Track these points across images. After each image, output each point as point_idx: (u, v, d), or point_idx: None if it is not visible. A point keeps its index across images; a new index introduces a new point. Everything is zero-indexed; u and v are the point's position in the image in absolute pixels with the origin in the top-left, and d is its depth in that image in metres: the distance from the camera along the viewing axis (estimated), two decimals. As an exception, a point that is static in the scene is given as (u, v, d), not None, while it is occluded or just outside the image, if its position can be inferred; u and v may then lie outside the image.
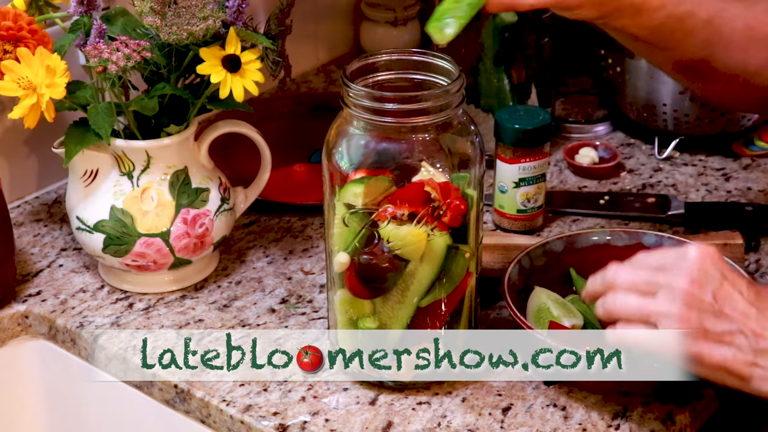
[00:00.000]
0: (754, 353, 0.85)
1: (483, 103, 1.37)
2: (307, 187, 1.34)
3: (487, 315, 1.12)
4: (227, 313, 1.14)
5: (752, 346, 0.85)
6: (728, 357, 0.85)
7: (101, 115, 1.07)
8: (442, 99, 0.94)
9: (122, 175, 1.12)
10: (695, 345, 0.86)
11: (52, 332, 1.15)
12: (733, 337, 0.86)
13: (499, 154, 1.24)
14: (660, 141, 1.43)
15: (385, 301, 0.97)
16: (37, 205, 1.33)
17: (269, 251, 1.24)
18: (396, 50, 1.00)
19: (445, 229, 0.95)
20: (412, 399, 1.02)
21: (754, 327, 0.85)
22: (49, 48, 1.07)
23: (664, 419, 0.99)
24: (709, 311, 0.86)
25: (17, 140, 1.30)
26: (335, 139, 0.97)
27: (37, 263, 1.23)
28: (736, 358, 0.85)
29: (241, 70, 1.07)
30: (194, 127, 1.14)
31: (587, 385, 1.02)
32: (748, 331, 0.85)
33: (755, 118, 1.40)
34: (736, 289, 0.87)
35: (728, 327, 0.86)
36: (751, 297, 0.87)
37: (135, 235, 1.11)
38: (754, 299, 0.87)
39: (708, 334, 0.86)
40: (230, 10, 1.09)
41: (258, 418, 1.00)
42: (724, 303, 0.86)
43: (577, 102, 1.55)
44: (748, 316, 0.86)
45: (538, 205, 1.26)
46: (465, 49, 1.35)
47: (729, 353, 0.85)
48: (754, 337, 0.85)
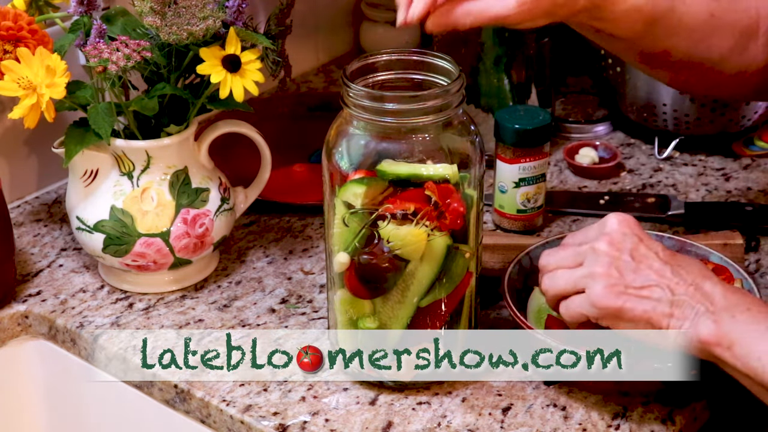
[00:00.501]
0: (671, 305, 0.91)
1: (483, 103, 1.37)
2: (307, 187, 1.34)
3: (487, 315, 1.12)
4: (227, 313, 1.14)
5: (668, 299, 0.91)
6: (648, 309, 0.91)
7: (101, 115, 1.07)
8: (442, 99, 0.94)
9: (122, 175, 1.12)
10: (618, 299, 0.92)
11: (52, 332, 1.15)
12: (651, 291, 0.92)
13: (499, 154, 1.24)
14: (660, 141, 1.43)
15: (385, 301, 0.97)
16: (37, 205, 1.33)
17: (269, 251, 1.24)
18: (396, 50, 1.00)
19: (445, 229, 0.95)
20: (412, 399, 1.02)
21: (668, 282, 0.92)
22: (49, 48, 1.07)
23: (664, 419, 0.99)
24: (629, 268, 0.93)
25: (17, 140, 1.31)
26: (335, 139, 0.97)
27: (37, 263, 1.23)
28: (656, 310, 0.91)
29: (241, 70, 1.07)
30: (194, 127, 1.14)
31: (587, 385, 1.02)
32: (664, 285, 0.92)
33: (755, 118, 1.40)
34: (652, 250, 0.94)
35: (646, 281, 0.92)
36: (665, 257, 0.94)
37: (135, 235, 1.11)
38: (668, 258, 0.94)
39: (628, 288, 0.92)
40: (230, 10, 1.09)
41: (258, 418, 1.00)
42: (641, 261, 0.93)
43: (577, 102, 1.55)
44: (664, 273, 0.92)
45: (538, 205, 1.26)
46: (465, 49, 1.35)
47: (649, 305, 0.91)
48: (669, 291, 0.91)
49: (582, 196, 1.33)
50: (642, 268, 0.93)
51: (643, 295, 0.91)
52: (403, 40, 1.68)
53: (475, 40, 1.34)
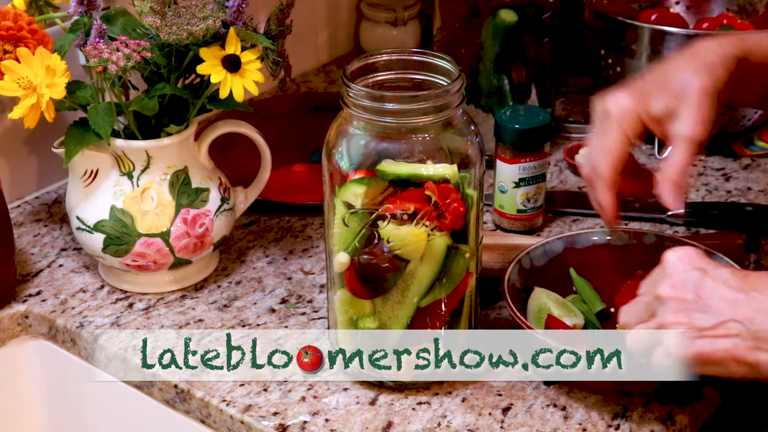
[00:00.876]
0: (754, 338, 0.84)
1: (483, 103, 1.37)
2: (307, 187, 1.34)
3: (487, 315, 1.12)
4: (227, 313, 1.14)
5: (750, 332, 0.84)
6: (729, 347, 0.84)
7: (101, 115, 1.07)
8: (442, 99, 0.94)
9: (122, 175, 1.12)
10: (694, 345, 0.86)
11: (52, 332, 1.15)
12: (727, 328, 0.84)
13: (499, 154, 1.24)
14: (660, 141, 1.42)
15: (385, 301, 0.97)
16: (37, 205, 1.33)
17: (269, 251, 1.24)
18: (396, 50, 1.00)
19: (445, 229, 0.95)
20: (412, 399, 1.02)
21: (744, 312, 0.84)
22: (49, 48, 1.07)
23: (664, 419, 0.99)
24: (696, 309, 0.86)
25: (17, 140, 1.30)
26: (335, 139, 0.97)
27: (37, 263, 1.23)
28: (738, 347, 0.84)
29: (241, 70, 1.07)
30: (194, 127, 1.14)
31: (587, 385, 1.02)
32: (740, 317, 0.84)
33: (755, 118, 1.40)
34: (719, 281, 0.86)
35: (718, 319, 0.85)
36: (737, 284, 0.86)
37: (135, 235, 1.11)
38: (739, 285, 0.86)
39: (702, 331, 0.85)
40: (230, 10, 1.09)
41: (258, 418, 1.00)
42: (708, 297, 0.86)
43: (577, 102, 1.55)
44: (737, 303, 0.85)
45: (538, 205, 1.26)
46: (465, 49, 1.35)
47: (729, 343, 0.84)
48: (749, 322, 0.84)
49: (582, 196, 1.33)
50: (712, 305, 0.85)
51: (719, 334, 0.84)
52: (403, 40, 1.68)
53: (475, 40, 1.34)
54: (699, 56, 1.00)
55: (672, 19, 1.49)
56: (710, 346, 0.85)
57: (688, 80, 0.99)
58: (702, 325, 0.85)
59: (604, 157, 1.00)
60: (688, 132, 0.98)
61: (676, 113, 0.99)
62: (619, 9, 1.49)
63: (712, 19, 1.50)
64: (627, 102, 1.00)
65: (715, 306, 0.85)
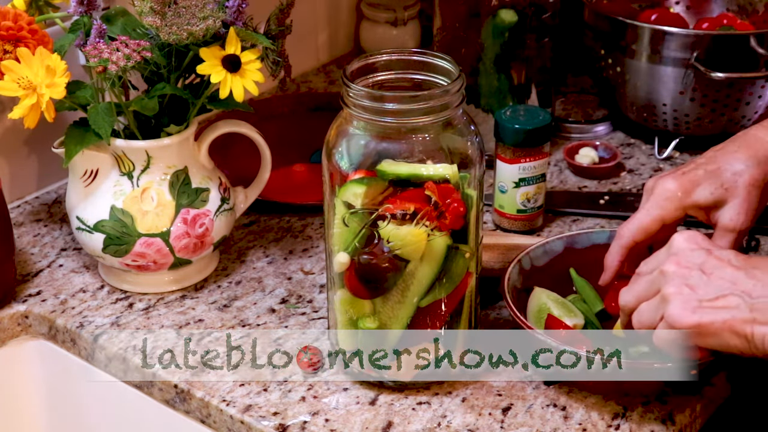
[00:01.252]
0: (751, 310, 0.87)
1: (483, 103, 1.37)
2: (307, 187, 1.34)
3: (487, 315, 1.12)
4: (227, 313, 1.14)
5: (747, 304, 0.87)
6: (727, 318, 0.88)
7: (101, 115, 1.07)
8: (442, 99, 0.94)
9: (122, 175, 1.12)
10: (695, 315, 0.89)
11: (52, 332, 1.15)
12: (727, 300, 0.88)
13: (499, 154, 1.24)
14: (660, 141, 1.43)
15: (385, 301, 0.97)
16: (37, 205, 1.33)
17: (269, 251, 1.24)
18: (396, 50, 1.00)
19: (445, 229, 0.95)
20: (412, 399, 1.02)
21: (743, 286, 0.88)
22: (49, 48, 1.07)
23: (664, 419, 0.99)
24: (700, 282, 0.90)
25: (17, 140, 1.30)
26: (335, 139, 0.97)
27: (37, 263, 1.23)
28: (735, 318, 0.87)
29: (241, 70, 1.07)
30: (194, 127, 1.14)
31: (587, 385, 1.02)
32: (740, 292, 0.88)
33: (755, 118, 1.40)
34: (723, 260, 0.91)
35: (720, 291, 0.89)
36: (738, 263, 0.90)
37: (135, 235, 1.11)
38: (741, 264, 0.90)
39: (702, 302, 0.89)
40: (230, 10, 1.09)
41: (258, 418, 1.00)
42: (712, 272, 0.90)
43: (577, 102, 1.55)
44: (737, 279, 0.89)
45: (538, 205, 1.26)
46: (465, 49, 1.35)
47: (728, 314, 0.88)
48: (747, 295, 0.87)
49: (582, 196, 1.33)
50: (714, 279, 0.89)
51: (718, 306, 0.88)
52: (403, 40, 1.68)
53: (475, 40, 1.34)
54: (749, 146, 1.04)
55: (672, 19, 1.49)
56: (709, 317, 0.88)
57: (737, 171, 1.02)
58: (703, 296, 0.89)
59: (631, 224, 1.04)
60: (733, 224, 1.01)
61: (724, 203, 1.02)
62: (619, 9, 1.49)
63: (712, 19, 1.51)
64: (672, 187, 1.03)
65: (716, 281, 0.89)
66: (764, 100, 1.38)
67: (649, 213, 1.03)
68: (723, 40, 1.35)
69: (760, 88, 1.36)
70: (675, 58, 1.35)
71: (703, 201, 1.02)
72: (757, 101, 1.38)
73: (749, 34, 1.34)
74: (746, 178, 1.01)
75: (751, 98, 1.37)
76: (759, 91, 1.37)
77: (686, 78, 1.36)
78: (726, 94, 1.36)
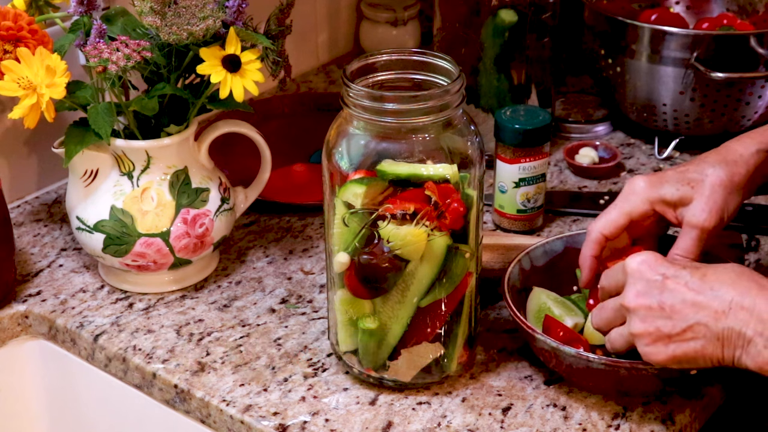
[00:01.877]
0: (717, 338, 0.89)
1: (483, 103, 1.37)
2: (307, 187, 1.34)
3: (487, 315, 1.12)
4: (227, 313, 1.14)
5: (713, 332, 0.89)
6: (698, 348, 0.90)
7: (101, 115, 1.07)
8: (442, 99, 0.94)
9: (122, 175, 1.12)
10: (667, 351, 0.91)
11: (52, 332, 1.15)
12: (694, 331, 0.89)
13: (499, 154, 1.24)
14: (660, 141, 1.43)
15: (385, 301, 0.97)
16: (37, 205, 1.33)
17: (269, 251, 1.24)
18: (396, 50, 1.00)
19: (445, 229, 0.95)
20: (412, 399, 1.02)
21: (706, 313, 0.89)
22: (49, 48, 1.07)
23: (664, 419, 0.99)
24: (661, 316, 0.91)
25: (17, 140, 1.30)
26: (335, 139, 0.97)
27: (37, 263, 1.23)
28: (706, 349, 0.89)
29: (241, 70, 1.07)
30: (194, 127, 1.14)
31: (587, 385, 1.02)
32: (704, 319, 0.89)
33: (755, 118, 1.40)
34: (680, 283, 0.91)
35: (685, 323, 0.90)
36: (696, 284, 0.90)
37: (135, 235, 1.11)
38: (698, 286, 0.90)
39: (672, 337, 0.90)
40: (230, 10, 1.09)
41: (258, 418, 1.00)
42: (673, 303, 0.90)
43: (577, 102, 1.55)
44: (698, 304, 0.89)
45: (538, 205, 1.26)
46: (465, 49, 1.35)
47: (698, 344, 0.90)
48: (712, 321, 0.89)
49: (582, 196, 1.33)
50: (676, 310, 0.90)
51: (687, 338, 0.89)
52: (403, 40, 1.68)
53: (475, 40, 1.34)
54: (719, 152, 1.05)
55: (672, 19, 1.49)
56: (681, 350, 0.90)
57: (705, 172, 1.03)
58: (670, 332, 0.90)
59: (598, 220, 1.05)
60: (696, 219, 1.02)
61: (690, 200, 1.02)
62: (619, 9, 1.49)
63: (712, 19, 1.51)
64: (640, 183, 1.04)
65: (678, 311, 0.90)
66: (764, 100, 1.38)
67: (615, 207, 1.04)
68: (723, 40, 1.35)
69: (760, 88, 1.36)
70: (675, 58, 1.35)
71: (669, 196, 1.03)
72: (757, 101, 1.38)
73: (749, 34, 1.35)
74: (713, 177, 1.02)
75: (751, 98, 1.37)
76: (759, 91, 1.37)
77: (686, 78, 1.36)
78: (726, 94, 1.36)
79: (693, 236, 1.02)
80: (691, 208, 1.02)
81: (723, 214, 1.02)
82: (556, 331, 1.00)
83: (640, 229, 1.06)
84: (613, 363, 0.95)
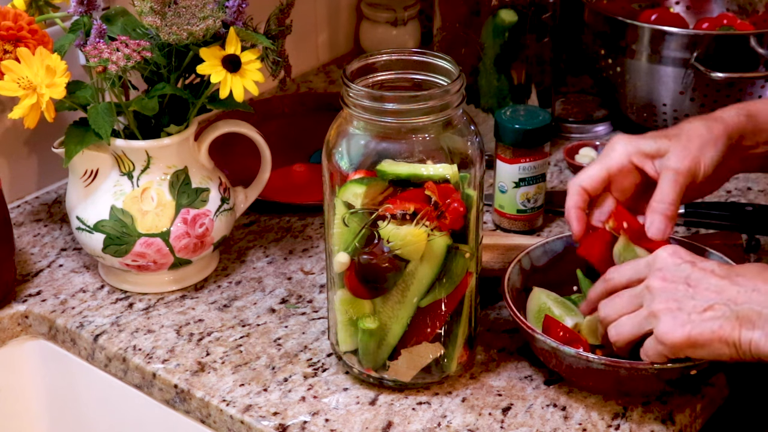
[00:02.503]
0: (736, 317, 0.89)
1: (483, 103, 1.37)
2: (307, 187, 1.34)
3: (487, 315, 1.12)
4: (227, 313, 1.14)
5: (733, 312, 0.90)
6: (715, 328, 0.90)
7: (101, 115, 1.07)
8: (442, 99, 0.94)
9: (122, 175, 1.12)
10: (684, 328, 0.91)
11: (52, 332, 1.15)
12: (714, 311, 0.90)
13: (499, 154, 1.24)
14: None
15: (385, 301, 0.97)
16: (37, 205, 1.33)
17: (269, 251, 1.24)
18: (396, 50, 1.00)
19: (445, 229, 0.95)
20: (412, 399, 1.02)
21: (729, 295, 0.90)
22: (49, 48, 1.07)
23: (664, 419, 0.99)
24: (687, 296, 0.92)
25: (17, 140, 1.31)
26: (335, 139, 0.97)
27: (37, 263, 1.23)
28: (723, 327, 0.90)
29: (241, 70, 1.07)
30: (194, 127, 1.14)
31: (587, 385, 1.02)
32: (726, 300, 0.90)
33: (755, 118, 1.40)
34: (707, 270, 0.93)
35: (706, 303, 0.91)
36: (722, 272, 0.93)
37: (135, 235, 1.11)
38: (725, 273, 0.92)
39: (691, 315, 0.91)
40: (230, 10, 1.09)
41: (258, 418, 1.00)
42: (697, 285, 0.92)
43: (577, 102, 1.55)
44: (722, 288, 0.91)
45: (538, 205, 1.26)
46: (465, 49, 1.35)
47: (716, 324, 0.90)
48: (732, 303, 0.90)
49: (582, 196, 1.33)
50: (699, 291, 0.92)
51: (706, 317, 0.90)
52: (403, 40, 1.68)
53: (475, 40, 1.34)
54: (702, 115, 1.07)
55: (672, 19, 1.49)
56: (698, 329, 0.90)
57: (682, 127, 1.06)
58: (691, 310, 0.91)
59: (578, 176, 1.06)
60: (670, 163, 1.03)
61: (667, 151, 1.04)
62: (619, 9, 1.49)
63: (712, 19, 1.51)
64: (621, 141, 1.06)
65: (702, 293, 0.92)
66: (764, 100, 1.38)
67: (595, 162, 1.06)
68: (723, 40, 1.35)
69: (760, 88, 1.36)
70: (675, 58, 1.35)
71: (647, 148, 1.04)
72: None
73: (749, 34, 1.35)
74: (689, 128, 1.04)
75: (751, 98, 1.37)
76: (759, 91, 1.37)
77: (686, 78, 1.36)
78: (726, 94, 1.36)
79: (668, 179, 1.03)
80: (669, 155, 1.03)
81: (699, 161, 1.03)
82: (556, 331, 1.00)
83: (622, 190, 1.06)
84: (613, 363, 0.95)
